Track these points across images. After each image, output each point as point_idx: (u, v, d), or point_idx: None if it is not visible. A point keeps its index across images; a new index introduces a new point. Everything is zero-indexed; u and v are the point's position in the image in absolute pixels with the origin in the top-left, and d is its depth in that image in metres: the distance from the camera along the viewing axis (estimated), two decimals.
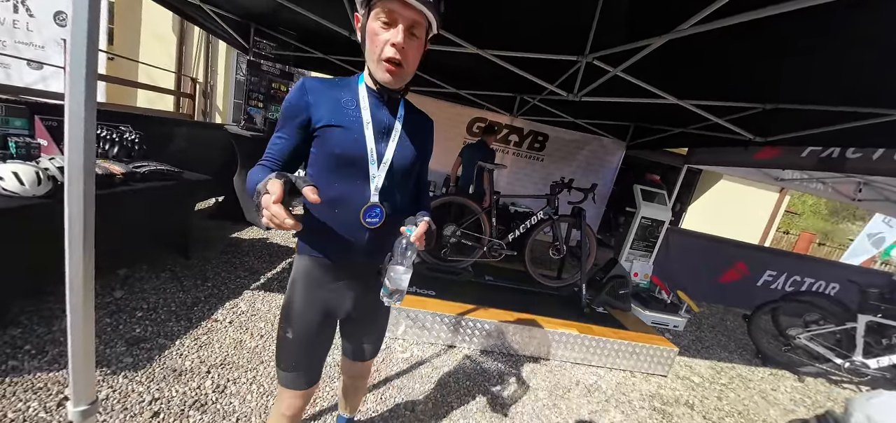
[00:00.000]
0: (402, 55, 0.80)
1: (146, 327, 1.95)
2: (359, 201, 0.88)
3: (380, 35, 0.79)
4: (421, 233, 0.86)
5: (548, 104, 4.24)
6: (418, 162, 0.98)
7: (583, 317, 2.76)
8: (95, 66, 0.82)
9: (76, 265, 0.91)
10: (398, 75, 0.83)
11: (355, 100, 0.88)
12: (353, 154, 0.86)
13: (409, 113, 0.96)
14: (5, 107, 2.14)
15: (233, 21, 3.65)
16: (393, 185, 0.92)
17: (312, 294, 0.95)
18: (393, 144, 0.90)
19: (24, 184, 1.70)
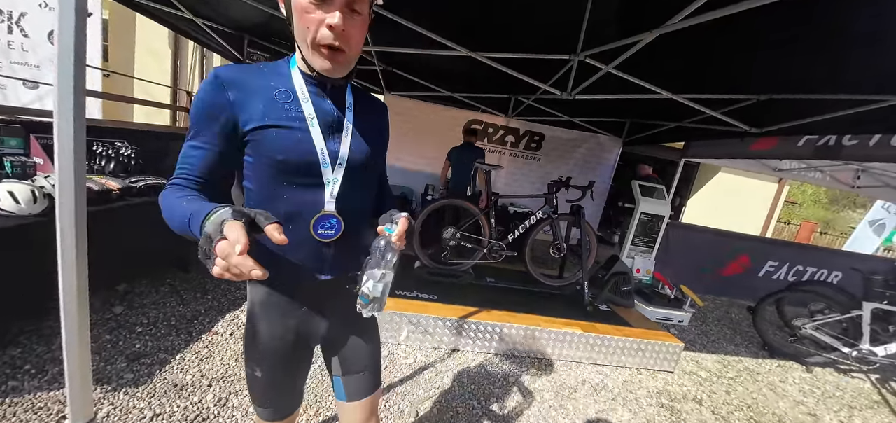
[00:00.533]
0: (343, 39, 0.65)
1: (146, 343, 1.93)
2: (314, 212, 0.74)
3: (311, 13, 0.63)
4: (402, 232, 0.76)
5: (543, 104, 4.25)
6: (378, 155, 0.85)
7: (586, 316, 2.74)
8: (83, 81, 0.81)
9: (69, 283, 0.90)
10: (340, 62, 0.68)
11: (291, 90, 0.72)
12: (299, 158, 0.70)
13: (358, 100, 0.81)
14: (1, 127, 2.13)
15: (226, 34, 3.67)
16: (353, 187, 0.77)
17: (276, 324, 0.80)
18: (346, 140, 0.76)
19: (19, 203, 1.69)
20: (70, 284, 0.86)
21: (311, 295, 0.82)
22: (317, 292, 0.82)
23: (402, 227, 0.77)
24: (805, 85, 2.11)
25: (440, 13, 2.33)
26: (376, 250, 0.75)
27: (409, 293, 2.57)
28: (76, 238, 0.86)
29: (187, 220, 0.57)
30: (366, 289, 0.74)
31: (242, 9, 2.94)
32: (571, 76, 2.62)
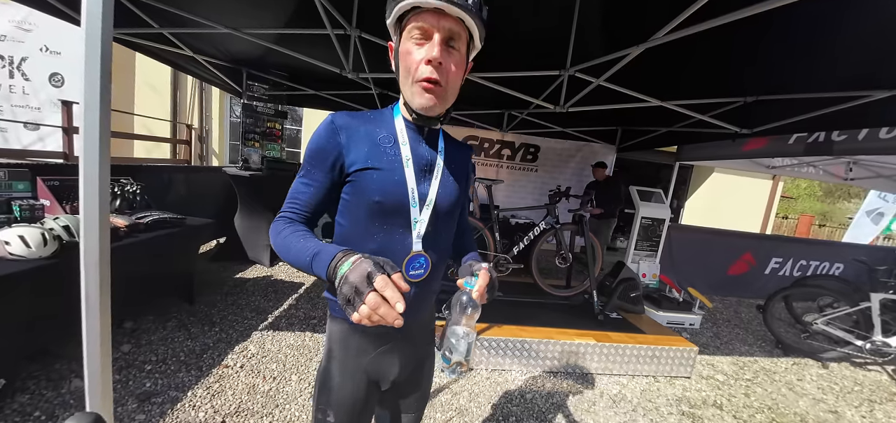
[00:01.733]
0: (441, 73, 0.67)
1: (156, 381, 1.89)
2: (401, 252, 0.75)
3: (413, 53, 0.67)
4: (483, 288, 0.72)
5: (536, 117, 4.34)
6: (462, 198, 0.85)
7: (598, 325, 2.73)
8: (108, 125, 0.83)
9: (93, 327, 0.89)
10: (438, 96, 0.69)
11: (392, 135, 0.76)
12: (393, 199, 0.73)
13: (449, 145, 0.84)
14: (8, 171, 2.15)
15: (225, 68, 3.75)
16: (437, 229, 0.79)
17: (353, 364, 0.81)
18: (436, 183, 0.78)
19: (30, 247, 1.69)
20: (93, 326, 0.86)
21: (388, 339, 0.82)
22: (393, 336, 0.81)
23: (482, 281, 0.73)
24: (788, 86, 2.18)
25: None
26: (457, 306, 0.70)
27: None
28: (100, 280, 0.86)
29: (310, 258, 0.62)
30: (448, 350, 0.70)
31: (241, 44, 3.02)
32: (563, 90, 2.69)
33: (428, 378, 0.96)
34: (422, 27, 0.66)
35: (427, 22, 0.66)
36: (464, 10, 0.65)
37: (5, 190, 2.10)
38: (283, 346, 2.36)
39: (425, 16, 0.66)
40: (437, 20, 0.65)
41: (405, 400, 0.92)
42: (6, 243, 1.67)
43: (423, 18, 0.66)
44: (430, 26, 0.66)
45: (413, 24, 0.67)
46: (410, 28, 0.68)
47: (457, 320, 0.70)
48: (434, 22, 0.65)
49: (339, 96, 4.27)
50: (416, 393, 0.93)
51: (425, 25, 0.66)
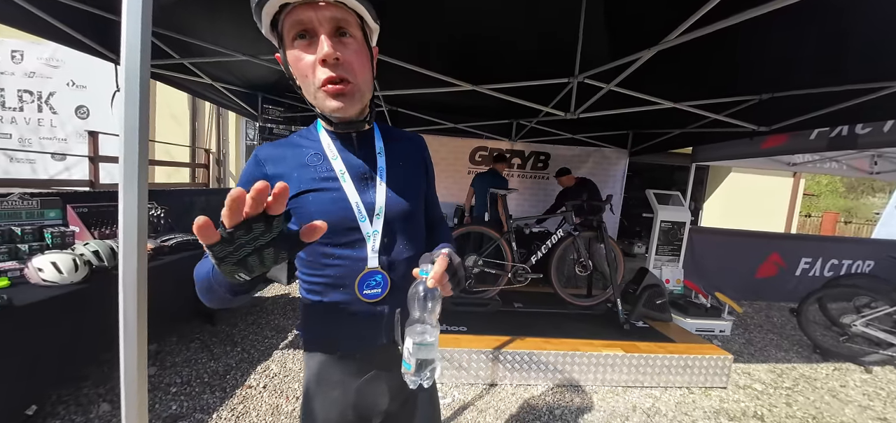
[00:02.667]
0: (341, 68, 0.59)
1: (182, 403, 1.89)
2: (358, 271, 0.70)
3: (303, 58, 0.59)
4: (439, 272, 0.60)
5: (545, 124, 4.34)
6: (419, 196, 0.78)
7: (624, 334, 2.63)
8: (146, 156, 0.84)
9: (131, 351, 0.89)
10: (348, 94, 0.61)
11: (320, 152, 0.69)
12: (337, 218, 0.67)
13: (389, 141, 0.76)
14: (40, 200, 2.22)
15: (241, 93, 3.87)
16: (397, 238, 0.72)
17: (332, 399, 0.73)
18: (382, 188, 0.71)
19: (62, 273, 1.73)
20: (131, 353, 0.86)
21: (369, 366, 0.75)
22: (374, 362, 0.75)
23: (438, 267, 0.61)
24: (805, 80, 2.12)
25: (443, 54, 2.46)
26: (414, 301, 0.61)
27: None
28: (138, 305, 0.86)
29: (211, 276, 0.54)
30: (408, 351, 0.61)
31: (257, 69, 3.11)
32: (573, 97, 2.68)
33: (432, 405, 0.87)
34: (301, 25, 0.57)
35: (303, 17, 0.56)
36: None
37: (38, 218, 2.17)
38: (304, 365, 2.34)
39: (298, 12, 0.56)
40: (315, 13, 0.56)
41: None
42: (39, 270, 1.71)
43: (297, 15, 0.57)
44: (309, 21, 0.57)
45: (289, 25, 0.58)
46: (288, 31, 0.59)
47: (414, 315, 0.61)
48: (312, 15, 0.56)
49: None
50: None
51: (303, 21, 0.57)
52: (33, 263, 1.72)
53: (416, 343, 0.60)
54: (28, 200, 2.12)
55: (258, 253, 0.44)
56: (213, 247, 0.42)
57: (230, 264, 0.44)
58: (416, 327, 0.61)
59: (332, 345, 0.74)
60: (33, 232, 2.03)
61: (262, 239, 0.43)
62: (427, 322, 0.61)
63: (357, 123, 0.69)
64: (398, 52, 2.38)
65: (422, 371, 0.61)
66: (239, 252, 0.43)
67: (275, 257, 0.46)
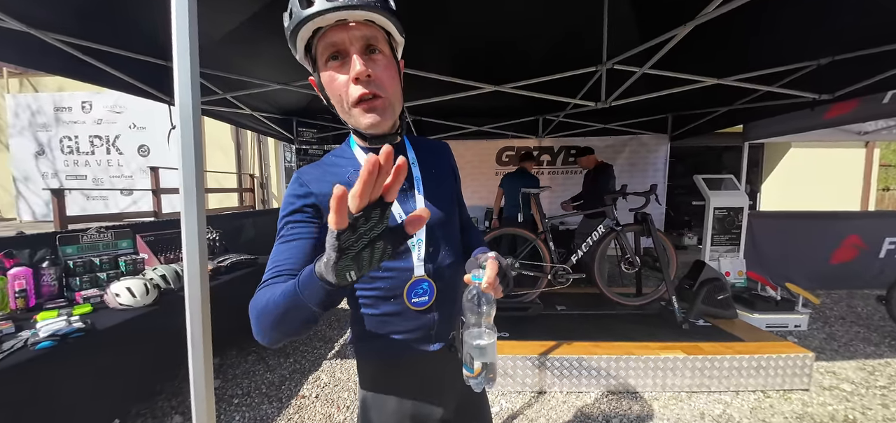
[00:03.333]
0: (372, 83, 0.61)
1: (244, 414, 2.00)
2: (406, 281, 0.71)
3: (337, 79, 0.61)
4: (492, 277, 0.62)
5: (573, 117, 4.18)
6: (454, 200, 0.80)
7: (683, 335, 2.44)
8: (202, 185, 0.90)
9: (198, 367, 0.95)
10: (382, 109, 0.63)
11: (358, 167, 0.70)
12: None
13: (419, 150, 0.78)
14: (114, 232, 2.47)
15: (278, 119, 4.12)
16: (439, 244, 0.73)
17: (389, 409, 0.75)
18: (420, 197, 0.72)
19: (135, 296, 1.89)
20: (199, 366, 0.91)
21: (424, 371, 0.76)
22: (428, 367, 0.75)
23: (490, 270, 0.62)
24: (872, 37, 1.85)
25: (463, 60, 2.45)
26: (468, 305, 0.63)
27: None
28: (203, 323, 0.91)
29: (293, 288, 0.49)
30: (469, 357, 0.62)
31: (289, 96, 3.30)
32: (602, 85, 2.55)
33: (486, 412, 0.88)
34: (333, 47, 0.60)
35: (335, 39, 0.59)
36: (368, 10, 0.57)
37: (112, 249, 2.41)
38: (351, 374, 2.40)
39: (331, 34, 0.59)
40: (346, 33, 0.59)
41: None
42: (116, 295, 1.89)
43: (329, 38, 0.59)
44: (341, 42, 0.59)
45: (323, 48, 0.61)
46: (322, 53, 0.61)
47: (470, 320, 0.63)
48: (343, 37, 0.59)
49: None
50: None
51: (336, 43, 0.59)
52: (111, 289, 1.90)
53: (476, 346, 0.62)
54: (104, 233, 2.36)
55: (371, 246, 0.42)
56: (342, 234, 0.39)
57: (349, 259, 0.41)
58: (473, 331, 0.63)
59: (385, 355, 0.75)
60: (109, 261, 2.26)
61: (377, 228, 0.41)
62: (484, 326, 0.63)
63: (390, 136, 0.69)
64: (419, 63, 2.40)
65: (483, 374, 0.63)
66: (360, 242, 0.41)
67: (383, 251, 0.44)
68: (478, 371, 0.62)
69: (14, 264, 1.82)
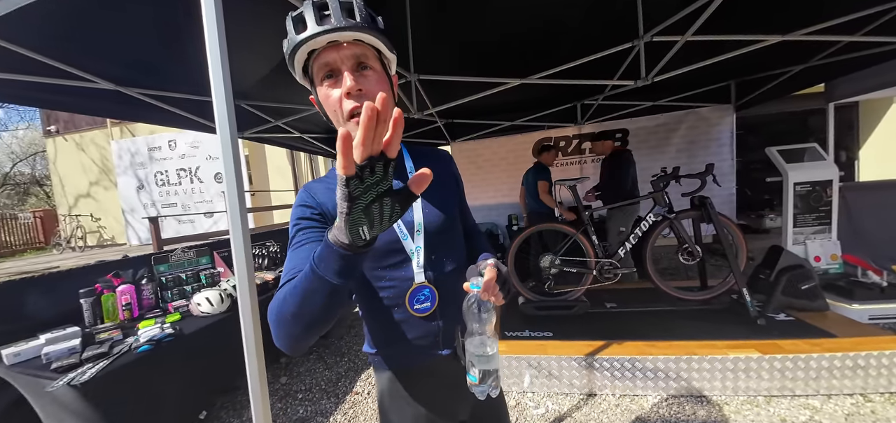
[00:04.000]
0: (365, 97, 0.64)
1: (307, 408, 2.21)
2: (407, 289, 0.73)
3: (331, 96, 0.65)
4: (489, 283, 0.62)
5: (616, 98, 3.89)
6: (454, 208, 0.80)
7: (758, 331, 2.15)
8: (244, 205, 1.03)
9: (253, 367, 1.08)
10: None
11: None
12: (382, 240, 0.71)
13: (418, 159, 0.80)
14: (195, 250, 2.87)
15: (322, 138, 4.45)
16: (439, 251, 0.75)
17: (406, 412, 0.78)
18: (418, 204, 0.74)
19: (213, 305, 2.19)
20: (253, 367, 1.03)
21: (436, 376, 0.78)
22: (440, 372, 0.77)
23: (488, 276, 0.63)
24: None
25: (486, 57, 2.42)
26: (469, 314, 0.63)
27: (520, 333, 2.42)
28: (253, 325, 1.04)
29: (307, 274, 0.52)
30: (471, 365, 0.63)
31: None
32: (641, 61, 2.34)
33: (504, 415, 0.88)
34: (327, 66, 0.64)
35: (328, 59, 0.63)
36: (356, 31, 0.61)
37: (195, 264, 2.80)
38: None
39: (324, 55, 0.63)
40: (337, 53, 0.62)
41: None
42: (198, 305, 2.20)
43: (323, 58, 0.63)
44: (334, 61, 0.63)
45: (318, 68, 0.65)
46: (317, 73, 0.65)
47: (472, 328, 0.63)
48: (335, 56, 0.63)
49: (409, 136, 4.64)
50: None
51: (329, 63, 0.63)
52: (194, 299, 2.22)
53: (477, 355, 0.62)
54: (187, 251, 2.75)
55: (379, 201, 0.44)
56: (350, 181, 0.42)
57: (359, 210, 0.44)
58: (474, 340, 0.63)
59: (395, 361, 0.78)
60: (193, 276, 2.63)
61: (383, 183, 0.44)
62: (484, 334, 0.63)
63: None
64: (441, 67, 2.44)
65: (486, 382, 0.63)
66: (368, 194, 0.43)
67: (391, 209, 0.46)
68: (481, 379, 0.62)
69: (121, 283, 2.22)
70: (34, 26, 1.48)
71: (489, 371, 0.62)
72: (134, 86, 2.22)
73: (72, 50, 1.75)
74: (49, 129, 10.85)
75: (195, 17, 0.93)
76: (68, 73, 1.85)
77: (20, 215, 12.67)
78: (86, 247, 10.59)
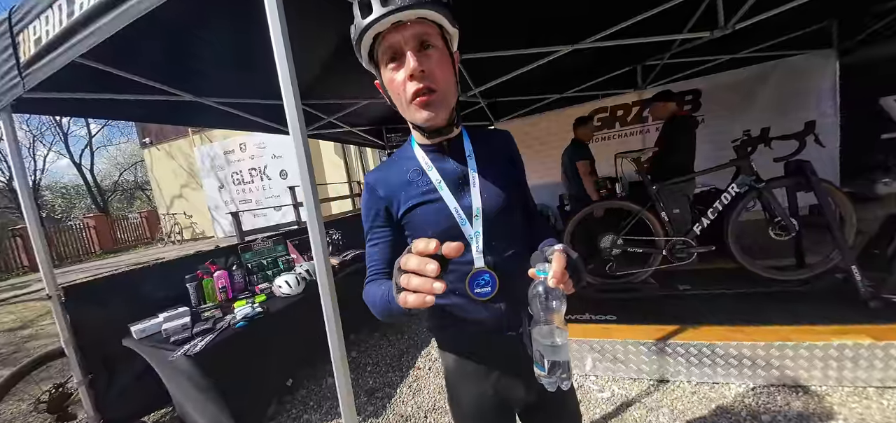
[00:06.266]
0: (426, 78, 0.64)
1: (376, 379, 2.40)
2: (467, 273, 0.73)
3: (395, 79, 0.66)
4: (559, 271, 0.58)
5: (682, 55, 3.42)
6: (514, 191, 0.78)
7: (870, 315, 1.84)
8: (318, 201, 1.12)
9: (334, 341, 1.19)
10: (434, 103, 0.66)
11: (418, 166, 0.75)
12: (443, 226, 0.72)
13: (477, 142, 0.78)
14: (273, 240, 3.20)
15: (371, 130, 4.62)
16: (497, 235, 0.74)
17: (473, 390, 0.80)
18: (476, 190, 0.73)
19: (292, 287, 2.44)
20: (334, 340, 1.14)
21: (498, 359, 0.79)
22: (505, 353, 0.78)
23: (557, 264, 0.59)
24: None
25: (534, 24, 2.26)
26: (535, 300, 0.60)
27: (581, 317, 2.34)
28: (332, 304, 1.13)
29: (386, 297, 0.64)
30: (538, 354, 0.60)
31: (378, 109, 3.66)
32: (719, 5, 2.03)
33: (572, 400, 0.86)
34: (391, 49, 0.65)
35: (392, 41, 0.64)
36: (419, 7, 0.61)
37: (273, 252, 3.12)
38: None
39: (388, 37, 0.64)
40: (400, 34, 0.63)
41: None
42: (279, 287, 2.46)
43: (387, 41, 0.64)
44: (397, 44, 0.64)
45: (382, 52, 0.66)
46: (382, 57, 0.66)
47: (539, 316, 0.59)
48: (398, 38, 0.63)
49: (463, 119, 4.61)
50: (563, 413, 0.84)
51: (393, 45, 0.64)
52: (275, 282, 2.50)
53: (545, 345, 0.59)
54: (266, 241, 3.08)
55: None
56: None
57: None
58: (542, 329, 0.59)
59: (459, 344, 0.81)
60: (273, 262, 2.95)
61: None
62: (552, 324, 0.59)
63: (445, 130, 0.73)
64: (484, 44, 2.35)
65: (555, 373, 0.59)
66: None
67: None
68: (549, 371, 0.59)
69: (216, 269, 2.56)
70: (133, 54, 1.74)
71: (558, 363, 0.59)
72: (209, 96, 2.50)
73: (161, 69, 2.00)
74: (144, 141, 12.86)
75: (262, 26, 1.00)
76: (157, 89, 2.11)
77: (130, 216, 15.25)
78: (183, 240, 12.45)
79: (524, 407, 0.82)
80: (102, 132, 20.41)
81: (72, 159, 18.24)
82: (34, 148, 17.83)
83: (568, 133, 3.46)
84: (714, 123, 4.31)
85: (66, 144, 18.06)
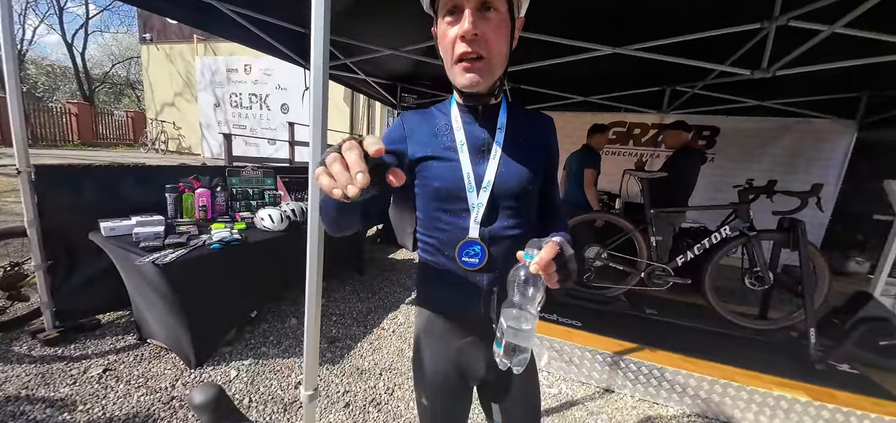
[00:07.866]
0: (479, 44, 0.62)
1: (339, 330, 2.44)
2: (460, 239, 0.73)
3: (448, 34, 0.64)
4: (546, 259, 0.57)
5: (713, 89, 3.39)
6: (533, 177, 0.75)
7: (814, 375, 1.95)
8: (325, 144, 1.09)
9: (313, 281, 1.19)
10: (480, 71, 0.64)
11: (448, 122, 0.75)
12: (450, 184, 0.72)
13: (513, 118, 0.76)
14: (262, 171, 3.14)
15: (385, 85, 4.48)
16: (501, 214, 0.73)
17: (438, 353, 0.80)
18: (494, 162, 0.72)
19: (274, 222, 2.42)
20: (313, 283, 1.14)
21: (467, 330, 0.79)
22: (472, 329, 0.79)
23: (546, 253, 0.58)
24: None
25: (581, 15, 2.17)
26: (514, 283, 0.59)
27: (548, 316, 2.41)
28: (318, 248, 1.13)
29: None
30: (501, 333, 0.59)
31: (397, 62, 3.53)
32: (767, 48, 2.00)
33: (530, 384, 0.84)
34: (452, 2, 0.62)
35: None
36: None
37: (261, 184, 3.08)
38: None
39: None
40: None
41: (510, 411, 0.83)
42: (261, 219, 2.44)
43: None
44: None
45: (444, 1, 0.63)
46: (443, 6, 0.64)
47: (513, 298, 0.59)
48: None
49: None
50: (521, 403, 0.83)
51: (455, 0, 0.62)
52: (258, 214, 2.47)
53: (510, 327, 0.58)
54: (256, 170, 3.03)
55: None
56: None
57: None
58: (512, 311, 0.59)
59: (435, 304, 0.81)
60: (259, 193, 2.91)
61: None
62: (525, 309, 0.58)
63: (484, 97, 0.72)
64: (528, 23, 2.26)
65: (512, 356, 0.59)
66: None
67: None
68: (506, 351, 0.59)
69: (200, 186, 2.51)
70: None
71: (518, 347, 0.58)
72: (231, 3, 2.36)
73: None
74: (144, 36, 12.00)
75: None
76: None
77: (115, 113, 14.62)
78: (167, 151, 12.07)
79: (481, 382, 0.84)
80: (101, 16, 19.32)
81: (63, 37, 17.24)
82: (25, 15, 16.79)
83: (579, 138, 3.42)
84: (722, 163, 4.36)
85: (60, 19, 17.02)
